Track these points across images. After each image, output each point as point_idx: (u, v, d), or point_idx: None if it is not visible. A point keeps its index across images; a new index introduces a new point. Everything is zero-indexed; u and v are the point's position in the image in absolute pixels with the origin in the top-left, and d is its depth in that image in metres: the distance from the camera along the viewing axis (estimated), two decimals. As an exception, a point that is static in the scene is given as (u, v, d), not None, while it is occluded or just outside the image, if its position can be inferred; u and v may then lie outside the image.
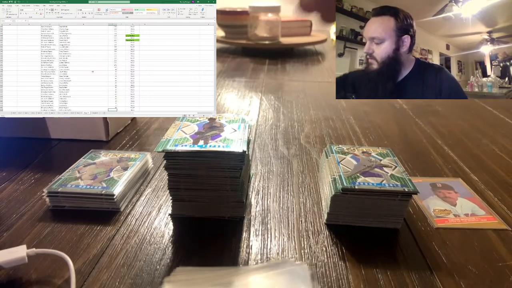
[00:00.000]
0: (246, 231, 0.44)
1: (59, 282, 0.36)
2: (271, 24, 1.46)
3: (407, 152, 0.65)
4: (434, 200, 0.50)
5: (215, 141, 0.43)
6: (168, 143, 0.42)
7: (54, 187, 0.47)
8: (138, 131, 0.72)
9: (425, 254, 0.40)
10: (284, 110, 0.86)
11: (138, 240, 0.42)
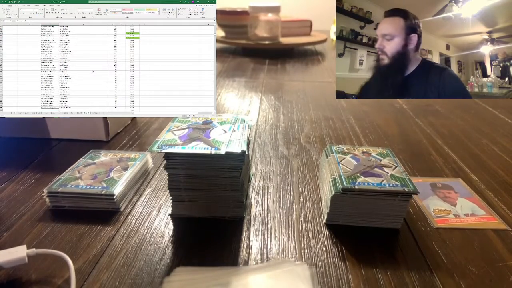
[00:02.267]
0: (246, 231, 0.44)
1: (59, 282, 0.36)
2: (271, 24, 1.46)
3: (407, 152, 0.65)
4: (434, 200, 0.50)
5: (202, 142, 0.42)
6: (156, 144, 0.42)
7: (54, 187, 0.47)
8: (138, 131, 0.72)
9: (425, 254, 0.40)
10: (284, 110, 0.86)
11: (138, 240, 0.42)
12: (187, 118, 0.49)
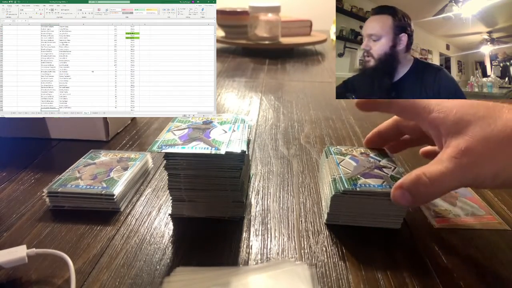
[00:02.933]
0: (246, 231, 0.44)
1: (59, 282, 0.36)
2: (271, 24, 1.46)
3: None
4: (434, 200, 0.50)
5: (202, 142, 0.42)
6: (156, 144, 0.42)
7: (54, 187, 0.47)
8: (138, 131, 0.72)
9: (425, 254, 0.40)
10: (284, 110, 0.86)
11: (138, 240, 0.42)
12: (187, 118, 0.49)
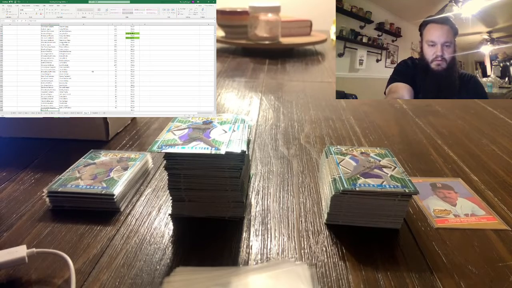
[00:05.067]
0: (246, 231, 0.44)
1: (59, 282, 0.36)
2: (271, 24, 1.46)
3: (407, 152, 0.65)
4: (434, 200, 0.50)
5: (202, 142, 0.42)
6: (156, 144, 0.42)
7: (54, 187, 0.47)
8: (138, 131, 0.72)
9: (425, 254, 0.40)
10: (284, 110, 0.86)
11: (138, 240, 0.42)
12: (187, 118, 0.49)
